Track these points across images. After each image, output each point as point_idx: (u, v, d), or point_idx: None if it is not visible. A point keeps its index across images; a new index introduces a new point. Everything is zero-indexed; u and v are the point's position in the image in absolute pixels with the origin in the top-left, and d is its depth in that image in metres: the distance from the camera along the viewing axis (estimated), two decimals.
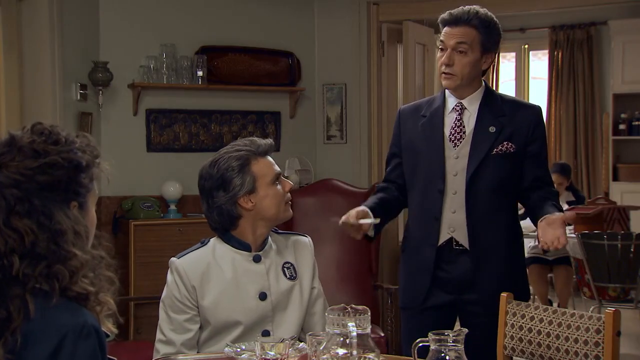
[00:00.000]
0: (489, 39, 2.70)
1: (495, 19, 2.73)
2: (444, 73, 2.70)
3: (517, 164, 2.72)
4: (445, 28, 2.70)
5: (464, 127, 2.73)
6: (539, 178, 2.74)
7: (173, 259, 2.42)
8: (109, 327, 1.45)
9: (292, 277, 2.45)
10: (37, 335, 1.34)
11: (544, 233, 2.55)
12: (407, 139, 2.81)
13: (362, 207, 2.66)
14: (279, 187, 2.42)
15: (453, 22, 2.68)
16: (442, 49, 2.70)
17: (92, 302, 1.41)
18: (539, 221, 2.60)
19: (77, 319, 1.36)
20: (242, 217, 2.40)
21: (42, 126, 1.47)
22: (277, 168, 2.44)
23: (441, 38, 2.71)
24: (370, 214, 2.62)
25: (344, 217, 2.61)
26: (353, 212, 2.61)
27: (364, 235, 2.66)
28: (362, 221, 2.60)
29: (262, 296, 2.38)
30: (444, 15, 2.71)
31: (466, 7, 2.71)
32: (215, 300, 2.36)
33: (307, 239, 2.56)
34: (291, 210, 2.49)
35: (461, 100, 2.74)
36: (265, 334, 2.36)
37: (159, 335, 2.39)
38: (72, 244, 1.39)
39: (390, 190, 2.84)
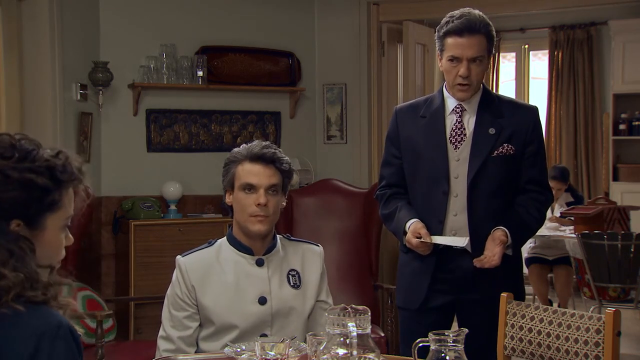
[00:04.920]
0: (492, 43, 2.69)
1: (489, 20, 2.70)
2: (460, 84, 2.66)
3: (517, 165, 2.71)
4: (454, 39, 2.62)
5: (464, 129, 2.72)
6: (532, 180, 2.73)
7: (178, 256, 2.45)
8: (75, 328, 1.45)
9: (296, 286, 2.44)
10: (11, 340, 1.34)
11: (486, 247, 2.62)
12: (405, 139, 2.79)
13: (421, 224, 2.67)
14: (247, 196, 2.38)
15: (466, 31, 2.60)
16: (452, 60, 2.64)
17: (54, 306, 1.41)
18: (492, 231, 2.65)
19: (51, 320, 1.37)
20: (231, 208, 2.46)
21: (6, 137, 1.44)
22: (254, 180, 2.37)
23: (453, 50, 2.62)
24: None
25: (424, 240, 2.63)
26: (424, 232, 2.65)
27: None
28: (439, 241, 2.65)
29: (262, 300, 2.38)
30: (454, 25, 2.62)
31: (468, 13, 2.64)
32: (214, 301, 2.37)
33: (318, 249, 2.54)
34: (260, 226, 2.37)
35: (461, 102, 2.73)
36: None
37: (160, 331, 2.44)
38: (1, 263, 1.36)
39: (406, 196, 2.82)
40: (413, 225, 2.68)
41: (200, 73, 5.09)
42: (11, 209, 1.40)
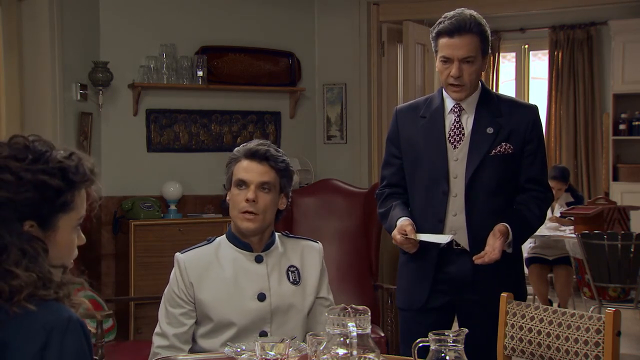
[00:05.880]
0: (486, 43, 2.69)
1: (484, 20, 2.70)
2: (452, 85, 2.66)
3: (516, 165, 2.71)
4: (446, 39, 2.63)
5: (462, 128, 2.71)
6: (532, 179, 2.73)
7: (177, 253, 2.45)
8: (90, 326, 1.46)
9: (296, 282, 2.44)
10: (22, 335, 1.35)
11: (487, 243, 2.60)
12: (405, 139, 2.79)
13: (408, 221, 2.66)
14: (239, 192, 2.39)
15: (456, 31, 2.61)
16: (444, 61, 2.65)
17: (66, 304, 1.42)
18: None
19: (62, 314, 1.38)
20: None
21: (20, 139, 1.45)
22: (246, 176, 2.38)
23: (445, 50, 2.64)
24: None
25: (409, 236, 2.61)
26: (409, 229, 2.63)
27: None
28: (423, 238, 2.63)
29: (261, 297, 2.38)
30: (445, 25, 2.63)
31: (460, 13, 2.64)
32: (212, 297, 2.38)
33: (317, 245, 2.54)
34: (248, 224, 2.38)
35: (459, 102, 2.73)
36: (263, 335, 2.35)
37: (156, 328, 2.44)
38: (14, 263, 1.38)
39: (403, 195, 2.82)
40: (400, 222, 2.68)
41: (200, 73, 5.09)
42: (24, 210, 1.41)
